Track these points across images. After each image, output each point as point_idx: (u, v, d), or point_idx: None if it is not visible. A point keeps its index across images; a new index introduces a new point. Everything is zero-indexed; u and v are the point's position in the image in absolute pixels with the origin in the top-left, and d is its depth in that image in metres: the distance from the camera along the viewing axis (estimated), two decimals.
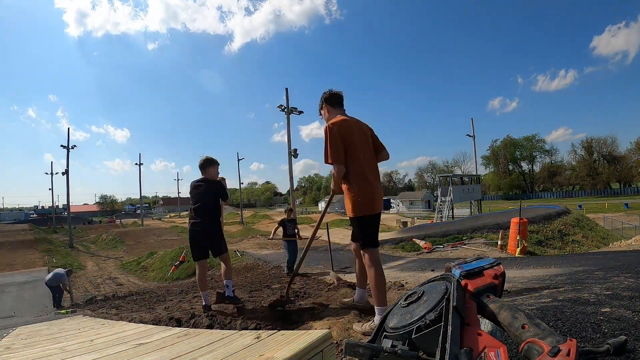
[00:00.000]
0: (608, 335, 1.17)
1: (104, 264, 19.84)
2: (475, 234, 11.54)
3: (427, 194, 57.70)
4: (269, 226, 33.78)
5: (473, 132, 28.99)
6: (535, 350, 0.72)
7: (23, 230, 31.54)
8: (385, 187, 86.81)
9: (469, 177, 31.59)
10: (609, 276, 2.86)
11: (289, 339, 1.32)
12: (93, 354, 1.86)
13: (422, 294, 0.90)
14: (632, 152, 58.02)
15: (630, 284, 2.23)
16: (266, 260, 9.84)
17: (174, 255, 16.08)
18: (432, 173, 78.73)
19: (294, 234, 6.99)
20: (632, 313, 1.39)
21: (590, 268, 4.04)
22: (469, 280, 0.93)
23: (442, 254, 9.45)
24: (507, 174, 70.09)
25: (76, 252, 24.77)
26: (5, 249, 21.79)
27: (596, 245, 11.60)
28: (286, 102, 19.17)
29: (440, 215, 25.77)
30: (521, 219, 9.32)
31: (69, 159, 27.67)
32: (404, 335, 0.80)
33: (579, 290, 2.25)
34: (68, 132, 28.78)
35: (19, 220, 55.11)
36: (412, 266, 7.13)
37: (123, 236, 30.45)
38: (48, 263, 17.72)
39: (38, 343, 2.63)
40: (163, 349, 1.71)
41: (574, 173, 64.03)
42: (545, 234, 11.71)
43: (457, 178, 30.87)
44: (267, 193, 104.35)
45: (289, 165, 19.42)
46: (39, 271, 15.44)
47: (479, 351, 0.72)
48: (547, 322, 1.33)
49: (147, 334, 2.23)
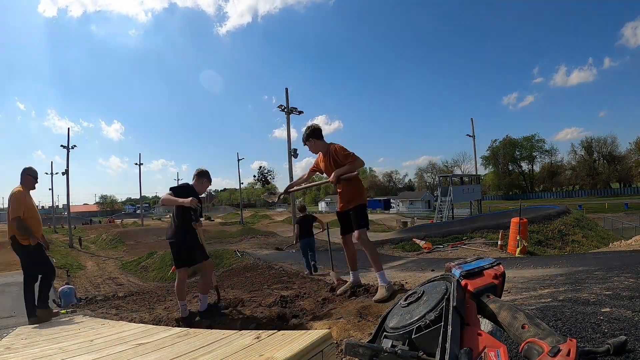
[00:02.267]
0: (608, 335, 1.17)
1: (104, 264, 19.84)
2: (475, 234, 11.54)
3: (427, 194, 57.70)
4: (269, 226, 33.79)
5: (473, 132, 29.01)
6: (535, 350, 0.71)
7: None
8: (386, 187, 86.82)
9: (469, 177, 31.62)
10: (609, 276, 2.86)
11: (289, 339, 1.32)
12: (93, 354, 1.86)
13: (422, 294, 0.90)
14: (632, 152, 58.04)
15: (630, 284, 2.23)
16: (266, 260, 9.85)
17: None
18: (432, 173, 78.72)
19: (311, 231, 6.86)
20: (632, 313, 1.39)
21: (590, 268, 4.03)
22: (469, 280, 0.93)
23: (442, 254, 9.45)
24: (507, 174, 70.10)
25: (76, 252, 24.77)
26: (5, 249, 21.79)
27: (596, 245, 11.60)
28: (286, 102, 19.18)
29: (440, 215, 25.78)
30: (521, 219, 9.33)
31: (68, 159, 27.71)
32: (404, 335, 0.80)
33: (579, 290, 2.25)
34: (68, 132, 28.83)
35: None
36: (412, 266, 7.13)
37: (123, 236, 30.44)
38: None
39: (38, 343, 2.63)
40: (163, 349, 1.71)
41: (574, 173, 64.04)
42: (545, 234, 11.72)
43: (457, 178, 30.90)
44: (267, 193, 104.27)
45: (289, 165, 19.43)
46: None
47: (479, 351, 0.72)
48: (547, 322, 1.33)
49: (147, 334, 2.23)
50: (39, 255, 3.98)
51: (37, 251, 3.94)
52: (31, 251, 3.88)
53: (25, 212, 3.84)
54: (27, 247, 3.86)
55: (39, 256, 4.00)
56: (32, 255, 3.92)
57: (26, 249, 3.87)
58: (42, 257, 4.05)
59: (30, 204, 4.01)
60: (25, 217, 3.84)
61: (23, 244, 3.85)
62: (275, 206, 64.09)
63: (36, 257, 3.97)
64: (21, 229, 3.80)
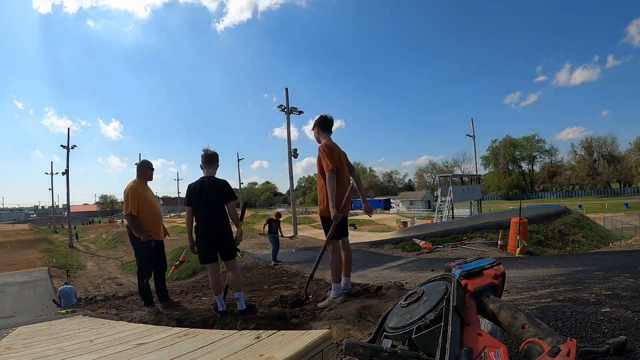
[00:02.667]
0: (608, 335, 1.17)
1: (104, 264, 19.85)
2: (475, 234, 11.53)
3: (427, 194, 57.70)
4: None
5: (473, 132, 29.04)
6: (535, 350, 0.72)
7: (23, 230, 31.57)
8: (386, 187, 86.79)
9: (469, 177, 31.61)
10: (609, 276, 2.86)
11: (289, 339, 1.32)
12: (93, 354, 1.86)
13: (422, 294, 0.90)
14: (632, 152, 58.06)
15: (630, 284, 2.23)
16: (266, 260, 9.84)
17: (174, 255, 16.07)
18: (432, 173, 78.73)
19: (277, 232, 9.60)
20: (632, 313, 1.39)
21: (590, 268, 4.04)
22: (469, 280, 0.93)
23: (442, 254, 9.45)
24: (507, 174, 70.13)
25: (76, 252, 24.78)
26: (5, 249, 21.83)
27: (596, 245, 11.60)
28: (286, 102, 19.18)
29: (440, 215, 25.78)
30: (521, 219, 9.32)
31: (68, 159, 27.74)
32: (404, 335, 0.80)
33: (579, 290, 2.25)
34: (68, 132, 28.85)
35: (19, 220, 55.17)
36: (412, 266, 7.13)
37: (123, 236, 30.43)
38: (48, 263, 17.73)
39: (38, 343, 2.63)
40: (163, 349, 1.71)
41: (574, 173, 64.04)
42: (545, 234, 11.71)
43: (457, 178, 30.87)
44: (267, 193, 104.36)
45: (289, 166, 19.44)
46: (39, 271, 15.45)
47: (479, 351, 0.72)
48: (547, 322, 1.33)
49: (147, 334, 2.23)
50: (151, 250, 3.89)
51: (147, 246, 3.84)
52: (140, 245, 3.82)
53: (139, 207, 3.78)
54: (137, 239, 3.81)
55: (153, 251, 3.92)
56: (141, 248, 3.85)
57: (137, 240, 3.82)
58: (154, 253, 3.94)
59: (145, 197, 3.89)
60: (139, 211, 3.78)
61: (136, 236, 3.81)
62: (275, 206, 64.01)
63: (146, 251, 3.88)
64: (132, 225, 3.77)
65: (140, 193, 3.86)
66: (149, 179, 4.12)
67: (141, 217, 3.81)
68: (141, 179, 4.04)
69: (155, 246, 3.93)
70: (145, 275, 3.99)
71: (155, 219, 3.99)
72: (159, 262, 4.14)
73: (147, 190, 4.01)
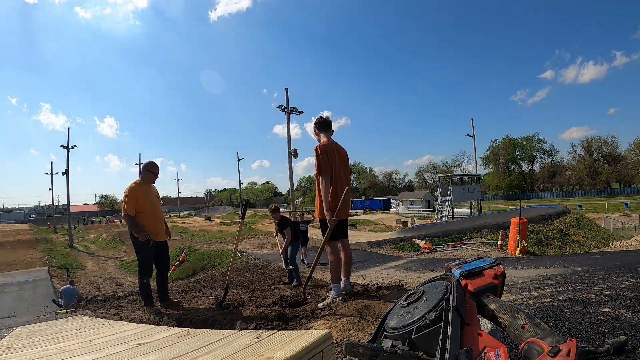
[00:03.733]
0: (608, 335, 1.17)
1: (104, 264, 19.84)
2: (475, 234, 11.54)
3: (427, 194, 57.70)
4: (269, 226, 33.76)
5: (473, 132, 28.99)
6: (535, 350, 0.72)
7: (23, 230, 31.51)
8: (386, 187, 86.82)
9: (469, 177, 31.60)
10: (609, 276, 2.86)
11: (289, 339, 1.32)
12: (93, 354, 1.86)
13: (422, 294, 0.90)
14: (632, 152, 58.06)
15: (630, 284, 2.23)
16: (266, 260, 9.84)
17: (174, 255, 16.07)
18: (432, 173, 78.74)
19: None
20: (632, 313, 1.39)
21: (590, 268, 4.03)
22: (469, 280, 0.93)
23: (442, 254, 9.45)
24: (507, 174, 70.15)
25: (76, 252, 24.78)
26: (5, 249, 21.85)
27: (596, 245, 11.60)
28: (286, 102, 19.16)
29: (440, 215, 25.77)
30: (521, 219, 9.32)
31: (68, 159, 27.69)
32: (404, 335, 0.80)
33: (579, 290, 2.25)
34: (68, 132, 28.76)
35: (19, 220, 55.14)
36: (412, 266, 7.13)
37: (123, 236, 30.42)
38: (48, 263, 17.72)
39: (38, 343, 2.63)
40: (163, 349, 1.71)
41: (574, 173, 64.05)
42: (545, 234, 11.71)
43: (457, 178, 30.86)
44: (267, 193, 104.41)
45: (289, 166, 19.42)
46: (39, 271, 15.43)
47: (479, 351, 0.72)
48: (547, 322, 1.33)
49: (147, 334, 2.23)
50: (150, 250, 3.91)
51: (145, 246, 3.86)
52: (139, 245, 3.84)
53: (138, 208, 3.82)
54: (136, 239, 3.83)
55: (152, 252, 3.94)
56: (140, 248, 3.87)
57: (136, 240, 3.85)
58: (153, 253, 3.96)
59: (144, 197, 3.90)
60: (137, 212, 3.81)
61: (135, 235, 3.83)
62: None
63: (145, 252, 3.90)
64: (129, 226, 3.80)
65: (140, 194, 3.87)
66: (149, 182, 4.12)
67: (140, 218, 3.82)
68: (143, 180, 4.05)
69: (155, 247, 3.93)
70: (145, 275, 3.99)
71: (155, 220, 3.99)
72: (160, 262, 4.14)
73: (148, 191, 4.01)
